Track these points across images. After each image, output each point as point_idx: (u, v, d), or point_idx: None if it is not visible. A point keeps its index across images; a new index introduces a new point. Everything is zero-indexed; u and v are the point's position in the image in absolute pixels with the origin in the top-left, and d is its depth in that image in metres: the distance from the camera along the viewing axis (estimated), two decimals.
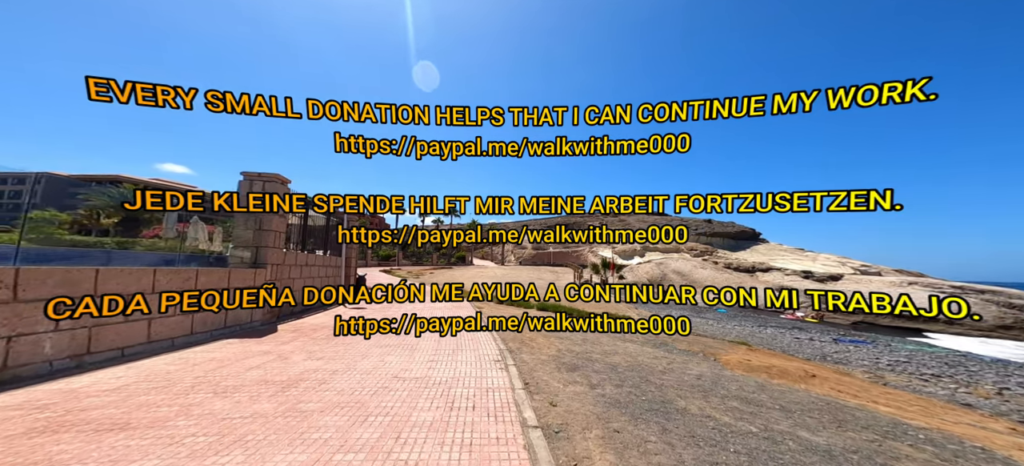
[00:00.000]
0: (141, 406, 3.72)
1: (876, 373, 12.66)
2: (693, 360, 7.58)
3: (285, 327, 8.12)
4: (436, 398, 4.16)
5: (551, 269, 54.96)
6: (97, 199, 13.53)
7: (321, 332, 7.68)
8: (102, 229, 11.82)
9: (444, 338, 7.35)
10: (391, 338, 7.14)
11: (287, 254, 9.71)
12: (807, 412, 4.64)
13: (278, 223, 9.12)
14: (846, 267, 50.34)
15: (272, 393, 4.14)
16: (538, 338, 8.10)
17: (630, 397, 4.63)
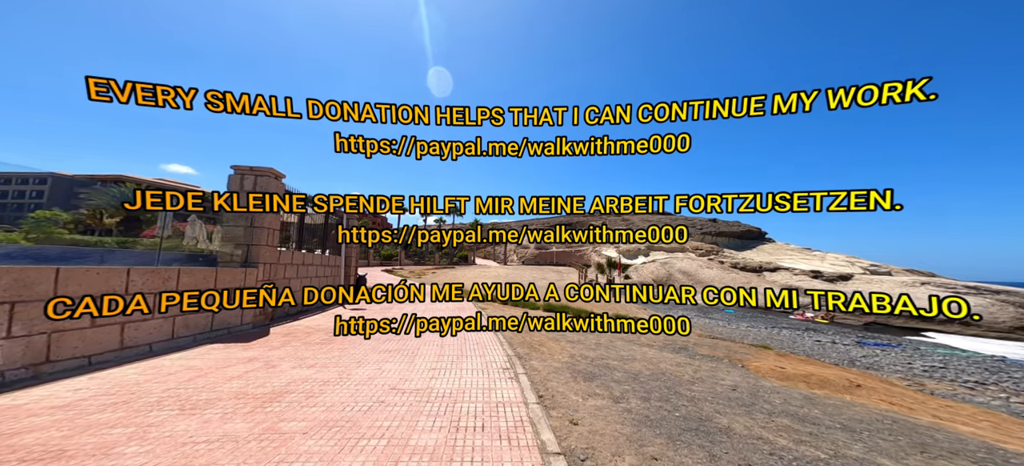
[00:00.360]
0: (89, 428, 3.26)
1: (915, 380, 12.21)
2: (721, 367, 7.09)
3: (278, 330, 7.76)
4: (439, 415, 3.73)
5: (554, 269, 54.67)
6: (98, 198, 13.34)
7: (316, 335, 7.32)
8: (106, 228, 11.77)
9: (446, 340, 7.03)
10: (391, 342, 6.78)
11: (282, 253, 9.42)
12: (876, 432, 4.16)
13: (271, 220, 8.78)
14: (855, 267, 49.82)
15: (249, 410, 3.71)
16: (548, 341, 7.72)
17: (661, 413, 4.17)
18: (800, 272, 49.77)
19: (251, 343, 6.50)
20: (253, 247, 8.27)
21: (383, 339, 6.89)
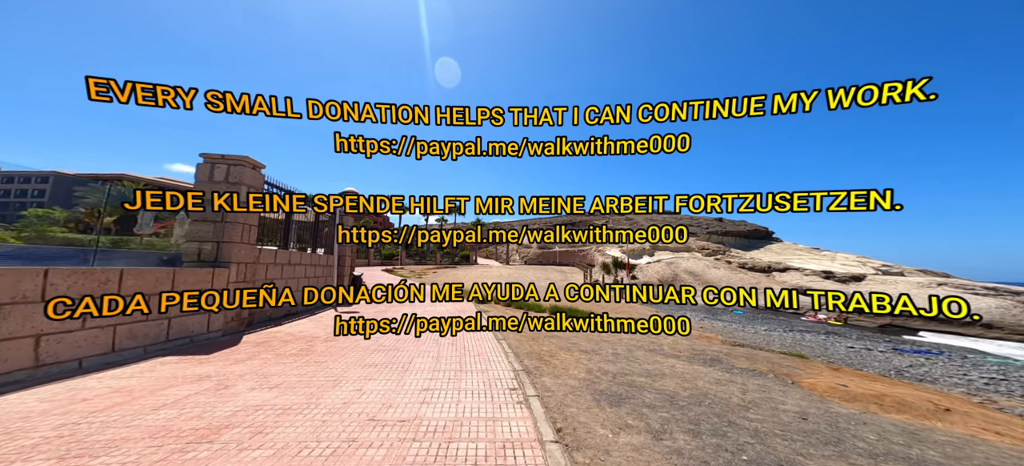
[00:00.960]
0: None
1: (986, 397, 11.11)
2: (771, 385, 6.17)
3: (252, 338, 6.95)
4: (429, 463, 2.88)
5: (558, 268, 54.88)
6: (93, 197, 13.66)
7: (294, 344, 6.57)
8: (105, 228, 11.89)
9: (444, 350, 6.51)
10: (379, 354, 6.11)
11: (263, 251, 8.77)
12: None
13: (247, 215, 7.91)
14: (867, 267, 49.53)
15: (160, 458, 2.79)
16: (558, 352, 6.94)
17: (722, 456, 3.24)
18: (810, 272, 49.58)
19: (211, 356, 5.69)
20: (225, 244, 7.44)
21: (370, 351, 6.27)
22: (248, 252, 8.02)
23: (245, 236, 7.91)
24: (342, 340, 6.96)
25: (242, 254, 7.78)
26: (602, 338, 8.65)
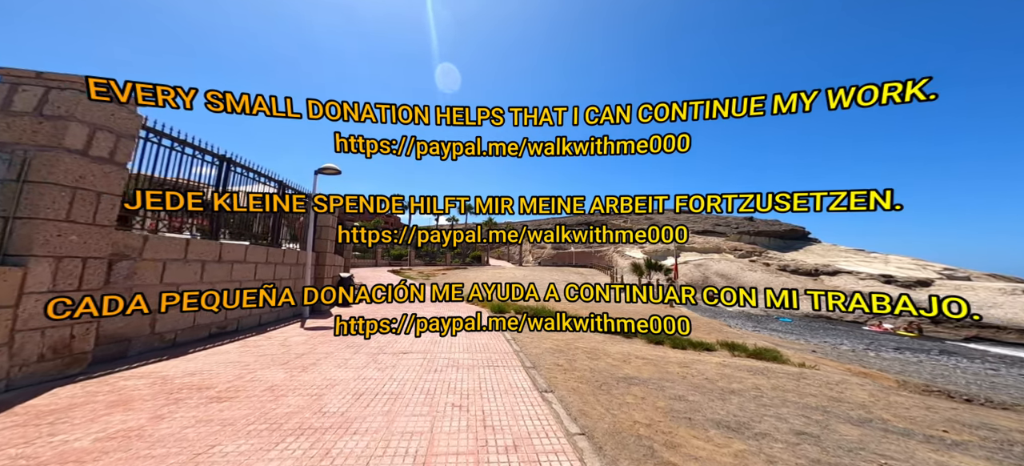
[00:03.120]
0: None
1: None
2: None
3: (61, 395, 4.07)
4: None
5: (576, 270, 54.84)
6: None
7: (141, 406, 3.79)
8: None
9: (446, 374, 5.38)
10: (334, 395, 4.37)
11: (150, 240, 6.21)
12: None
13: (75, 170, 4.93)
14: (927, 270, 47.49)
15: None
16: (618, 389, 5.32)
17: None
18: (867, 276, 47.82)
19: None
20: (24, 223, 4.55)
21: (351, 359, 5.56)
22: (88, 238, 5.14)
23: (80, 211, 5.02)
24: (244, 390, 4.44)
25: (68, 243, 4.91)
26: (729, 375, 6.63)
